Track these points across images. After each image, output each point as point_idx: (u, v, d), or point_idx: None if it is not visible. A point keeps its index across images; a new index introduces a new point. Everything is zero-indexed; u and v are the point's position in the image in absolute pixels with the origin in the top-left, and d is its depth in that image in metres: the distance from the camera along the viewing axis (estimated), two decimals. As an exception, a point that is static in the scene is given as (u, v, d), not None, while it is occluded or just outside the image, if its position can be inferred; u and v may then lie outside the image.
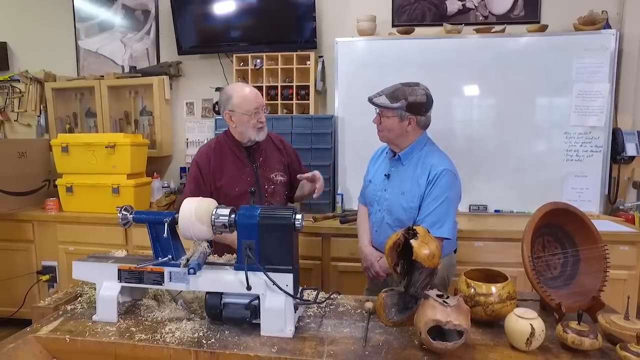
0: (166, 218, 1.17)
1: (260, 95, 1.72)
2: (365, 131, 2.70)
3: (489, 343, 1.07)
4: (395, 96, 1.48)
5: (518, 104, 2.57)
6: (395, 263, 1.20)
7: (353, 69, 2.71)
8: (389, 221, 1.55)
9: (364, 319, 1.21)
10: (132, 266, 1.20)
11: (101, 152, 2.62)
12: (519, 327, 1.01)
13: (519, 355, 1.01)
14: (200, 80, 3.14)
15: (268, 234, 1.12)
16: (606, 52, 2.44)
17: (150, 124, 3.15)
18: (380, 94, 1.51)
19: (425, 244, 1.15)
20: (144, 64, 3.21)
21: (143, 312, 1.25)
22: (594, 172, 2.52)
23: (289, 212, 1.13)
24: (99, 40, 3.30)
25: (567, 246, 1.30)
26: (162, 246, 1.20)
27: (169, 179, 3.16)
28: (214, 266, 1.21)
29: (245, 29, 2.89)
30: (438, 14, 2.77)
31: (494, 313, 1.13)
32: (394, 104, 1.48)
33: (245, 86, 1.74)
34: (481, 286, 1.17)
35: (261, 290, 1.11)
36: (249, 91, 1.68)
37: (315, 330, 1.14)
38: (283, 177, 1.78)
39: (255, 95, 1.68)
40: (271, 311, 1.10)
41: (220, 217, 1.15)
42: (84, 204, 2.70)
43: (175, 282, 1.17)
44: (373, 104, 1.54)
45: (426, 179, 1.47)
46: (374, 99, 1.53)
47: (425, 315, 1.02)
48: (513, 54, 2.54)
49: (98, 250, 2.64)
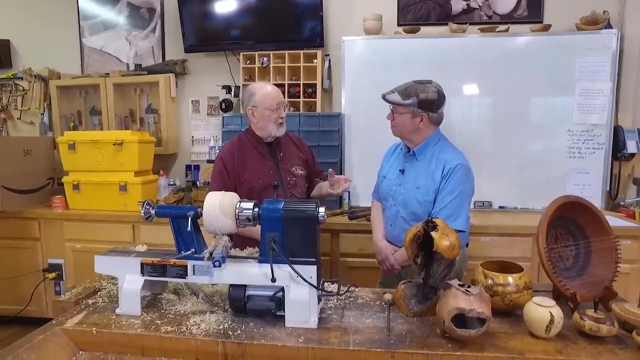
0: (189, 212, 1.19)
1: (281, 92, 1.82)
2: (371, 129, 2.75)
3: (508, 331, 1.10)
4: (407, 93, 1.52)
5: (522, 102, 2.61)
6: (415, 255, 1.23)
7: (359, 68, 2.74)
8: (404, 215, 1.58)
9: (384, 310, 1.24)
10: (155, 260, 1.21)
11: (108, 149, 2.62)
12: (538, 315, 1.05)
13: (539, 342, 1.04)
14: (206, 78, 3.15)
15: (292, 226, 1.14)
16: (608, 51, 2.49)
17: (155, 121, 3.16)
18: (393, 92, 1.55)
19: (445, 236, 1.18)
20: (149, 62, 3.21)
21: (165, 305, 1.26)
22: (595, 169, 2.57)
23: (313, 205, 1.15)
24: (103, 38, 3.30)
25: (579, 238, 1.34)
26: (184, 240, 1.21)
27: (175, 177, 3.17)
28: (237, 259, 1.23)
29: (252, 27, 2.91)
30: (443, 14, 2.81)
31: (511, 302, 1.17)
32: (405, 101, 1.52)
33: (267, 84, 1.85)
34: (498, 277, 1.20)
35: (285, 282, 1.14)
36: (271, 89, 1.79)
37: (337, 321, 1.17)
38: (303, 171, 1.87)
39: (277, 92, 1.79)
40: (296, 302, 1.13)
41: (244, 211, 1.17)
42: (91, 201, 2.70)
43: (198, 275, 1.19)
44: (386, 101, 1.58)
45: (441, 173, 1.51)
46: (387, 96, 1.57)
47: (448, 304, 1.05)
48: (517, 53, 2.58)
49: (105, 247, 2.64)
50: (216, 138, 3.11)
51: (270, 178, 1.78)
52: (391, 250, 1.65)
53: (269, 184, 1.73)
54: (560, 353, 0.99)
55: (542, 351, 1.00)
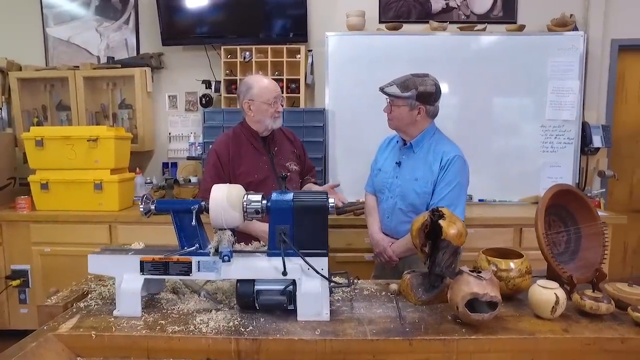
0: (193, 206, 1.14)
1: (278, 86, 1.79)
2: (355, 124, 2.77)
3: (514, 314, 1.15)
4: (406, 86, 1.54)
5: (499, 99, 2.73)
6: (422, 244, 1.25)
7: (343, 63, 2.75)
8: (401, 206, 1.60)
9: (392, 301, 1.25)
10: (156, 257, 1.15)
11: (81, 146, 2.46)
12: (544, 297, 1.10)
13: (545, 322, 1.09)
14: (184, 73, 3.04)
15: (302, 218, 1.12)
16: (576, 52, 2.65)
17: (130, 117, 3.01)
18: (392, 84, 1.57)
19: (453, 224, 1.21)
20: (122, 55, 3.05)
21: (165, 305, 1.21)
22: (566, 163, 2.74)
23: (323, 195, 1.14)
24: (70, 28, 3.10)
25: (570, 224, 1.42)
26: (187, 235, 1.16)
27: (151, 175, 3.04)
28: (244, 254, 1.19)
29: (233, 21, 2.84)
30: (423, 12, 2.88)
31: (515, 287, 1.22)
32: (404, 93, 1.53)
33: (264, 77, 1.84)
34: (501, 262, 1.25)
35: (297, 275, 1.12)
36: (268, 82, 1.77)
37: (349, 312, 1.17)
38: (297, 167, 1.86)
39: (274, 85, 1.76)
40: (308, 295, 1.11)
41: (253, 203, 1.14)
42: (62, 201, 2.53)
43: (204, 272, 1.15)
44: (385, 94, 1.59)
45: (439, 165, 1.54)
46: (385, 89, 1.58)
47: (462, 289, 1.07)
48: (494, 52, 2.69)
49: (80, 250, 2.50)
50: (196, 134, 3.00)
51: (265, 173, 1.77)
52: (388, 242, 1.67)
53: (265, 178, 1.74)
54: (567, 332, 1.04)
55: (550, 331, 1.05)
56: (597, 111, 2.87)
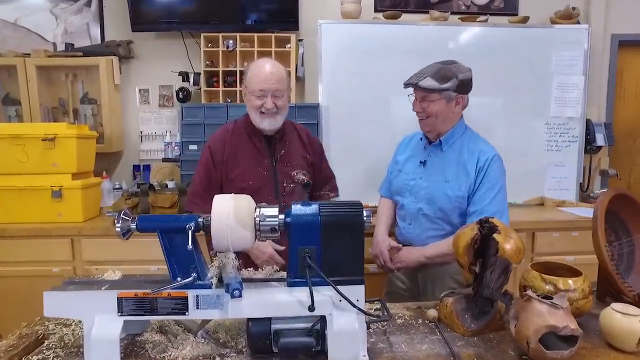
0: (188, 223, 0.86)
1: (279, 77, 1.43)
2: (351, 120, 2.54)
3: (586, 345, 0.95)
4: (444, 76, 1.32)
5: (502, 93, 2.57)
6: (471, 262, 1.03)
7: (337, 54, 2.51)
8: (428, 212, 1.38)
9: (432, 331, 1.03)
10: (139, 292, 0.86)
11: (35, 146, 2.08)
12: (628, 327, 0.90)
13: (629, 357, 0.90)
14: (157, 64, 2.70)
15: (333, 236, 0.87)
16: (580, 46, 2.54)
17: (94, 113, 2.63)
18: (423, 76, 1.32)
19: (509, 237, 1.00)
20: (83, 42, 2.66)
21: (151, 351, 0.92)
22: (570, 162, 2.62)
23: (357, 208, 0.89)
24: (16, 8, 2.67)
25: (621, 233, 1.25)
26: (179, 262, 0.88)
27: (120, 179, 2.67)
28: (255, 284, 0.92)
29: (215, 5, 2.52)
30: (422, 1, 2.68)
31: (578, 310, 1.02)
32: (444, 85, 1.31)
33: (267, 62, 1.46)
34: (559, 281, 1.05)
35: (327, 310, 0.86)
36: (262, 67, 1.43)
37: (388, 351, 0.93)
38: (305, 177, 1.52)
39: (268, 75, 1.41)
40: (342, 334, 0.86)
41: (268, 219, 0.87)
42: (11, 212, 2.13)
43: (205, 309, 0.87)
44: (419, 89, 1.34)
45: (475, 165, 1.34)
46: (419, 83, 1.32)
47: (533, 321, 0.87)
48: (496, 44, 2.53)
49: (35, 270, 2.11)
50: (172, 133, 2.67)
51: (262, 180, 1.47)
52: (387, 244, 1.46)
53: (261, 187, 1.44)
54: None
55: (642, 370, 0.85)
56: (599, 108, 2.78)
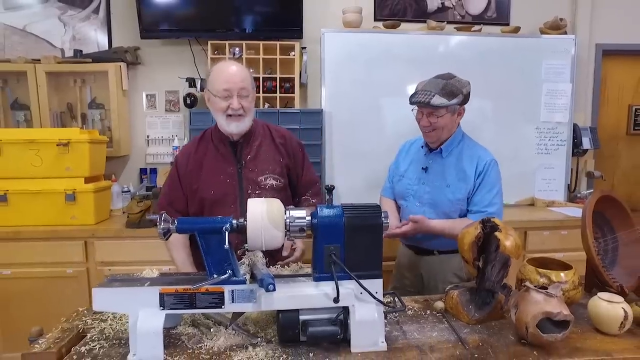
0: (224, 225, 0.95)
1: (243, 76, 1.34)
2: (353, 126, 2.65)
3: (575, 330, 1.07)
4: (451, 92, 1.42)
5: (496, 100, 2.71)
6: (475, 258, 1.15)
7: (339, 62, 2.62)
8: (432, 216, 1.49)
9: (440, 320, 1.15)
10: (179, 288, 0.96)
11: (49, 151, 2.14)
12: (611, 312, 1.03)
13: (613, 339, 1.03)
14: (164, 70, 2.77)
15: (355, 236, 0.98)
16: (568, 55, 2.70)
17: (102, 118, 2.69)
18: (431, 94, 1.41)
19: (509, 235, 1.12)
20: (91, 48, 2.72)
21: (188, 342, 1.01)
22: (559, 164, 2.77)
23: (376, 210, 1.00)
24: (25, 15, 2.72)
25: (606, 231, 1.38)
26: (215, 260, 0.97)
27: (127, 182, 2.73)
28: (285, 279, 1.03)
29: (221, 13, 2.61)
30: (419, 10, 2.81)
31: (569, 300, 1.15)
32: (452, 101, 1.42)
33: (230, 63, 1.38)
34: (552, 274, 1.17)
35: (350, 302, 0.97)
36: (225, 67, 1.35)
37: (403, 338, 1.04)
38: (276, 181, 1.43)
39: (232, 74, 1.32)
40: (363, 323, 0.97)
41: (297, 220, 0.97)
42: (25, 215, 2.19)
43: (239, 303, 0.97)
44: (431, 107, 1.42)
45: (475, 169, 1.45)
46: (431, 101, 1.40)
47: (531, 308, 0.99)
48: (490, 53, 2.67)
49: (49, 271, 2.18)
50: (179, 137, 2.74)
51: (225, 188, 1.39)
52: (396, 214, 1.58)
53: (223, 196, 1.38)
54: (642, 349, 0.97)
55: (625, 349, 0.98)
56: (585, 113, 2.94)
